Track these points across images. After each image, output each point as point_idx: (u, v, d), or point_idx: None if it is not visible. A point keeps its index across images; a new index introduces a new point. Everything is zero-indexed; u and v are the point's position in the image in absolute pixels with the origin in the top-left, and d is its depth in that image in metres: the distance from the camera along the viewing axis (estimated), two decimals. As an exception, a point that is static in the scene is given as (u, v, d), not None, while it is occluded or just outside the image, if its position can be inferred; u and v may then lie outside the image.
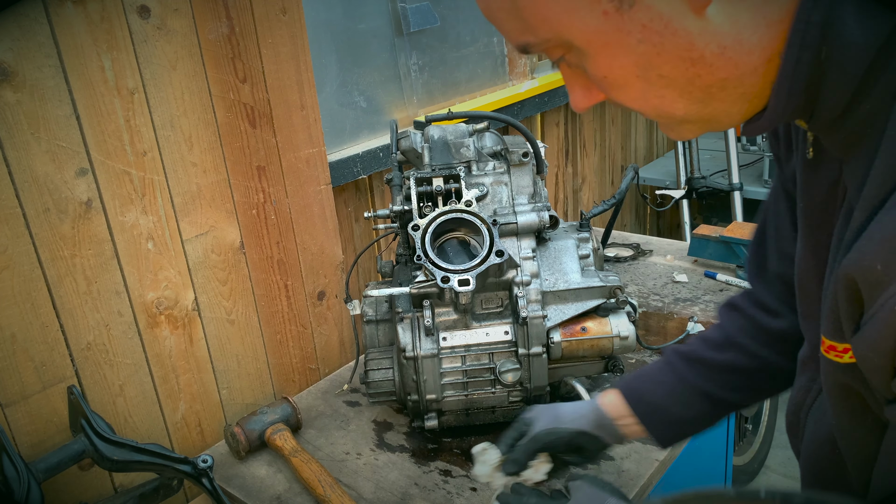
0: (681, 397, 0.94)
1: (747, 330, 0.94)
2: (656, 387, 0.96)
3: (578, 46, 0.56)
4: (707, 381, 0.94)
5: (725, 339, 0.94)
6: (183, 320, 1.44)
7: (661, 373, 0.96)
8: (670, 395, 0.95)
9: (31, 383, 1.22)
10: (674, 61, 0.54)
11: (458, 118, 1.42)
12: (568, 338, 1.30)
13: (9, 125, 1.14)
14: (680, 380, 0.94)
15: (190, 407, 1.48)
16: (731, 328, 0.95)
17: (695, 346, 0.96)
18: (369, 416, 1.51)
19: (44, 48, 1.16)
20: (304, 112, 1.52)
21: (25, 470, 1.03)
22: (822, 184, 0.66)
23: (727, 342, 0.94)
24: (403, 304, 1.31)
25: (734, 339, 0.93)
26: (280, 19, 1.43)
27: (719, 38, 0.53)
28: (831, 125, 0.58)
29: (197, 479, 1.15)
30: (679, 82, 0.56)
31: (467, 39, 2.29)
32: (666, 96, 0.57)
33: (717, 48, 0.53)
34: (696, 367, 0.94)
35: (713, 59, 0.54)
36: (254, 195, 1.50)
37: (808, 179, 0.68)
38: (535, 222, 1.31)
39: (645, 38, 0.53)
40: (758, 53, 0.54)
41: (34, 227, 1.19)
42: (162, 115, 1.34)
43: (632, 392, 0.98)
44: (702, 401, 0.94)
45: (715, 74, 0.55)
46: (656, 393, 0.96)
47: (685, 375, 0.94)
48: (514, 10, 0.56)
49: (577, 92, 0.62)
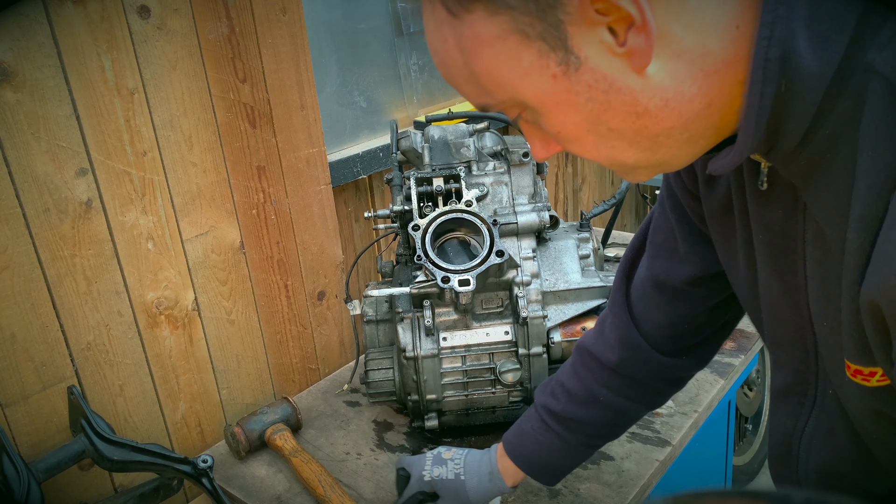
0: (564, 452, 1.05)
1: (604, 381, 1.01)
2: (539, 447, 1.05)
3: (532, 106, 0.60)
4: (583, 436, 1.03)
5: (588, 394, 1.01)
6: (183, 320, 1.44)
7: (540, 433, 1.05)
8: (554, 452, 1.05)
9: (31, 383, 1.22)
10: (621, 116, 0.58)
11: (458, 118, 1.42)
12: (568, 338, 1.30)
13: (9, 125, 1.13)
14: (559, 438, 1.03)
15: (190, 407, 1.48)
16: (590, 381, 1.01)
17: (564, 404, 1.03)
18: (369, 416, 1.51)
19: (44, 48, 1.16)
20: (304, 112, 1.52)
21: (25, 470, 1.03)
22: (777, 213, 0.67)
23: (591, 398, 1.01)
24: (403, 304, 1.31)
25: (597, 395, 1.01)
26: (280, 19, 1.43)
27: (661, 93, 0.56)
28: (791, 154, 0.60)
29: (197, 479, 1.15)
30: (627, 134, 0.59)
31: (467, 39, 2.29)
32: (616, 147, 0.61)
33: (660, 101, 0.57)
34: (569, 425, 1.03)
35: (657, 111, 0.57)
36: (254, 195, 1.50)
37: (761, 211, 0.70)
38: (536, 222, 1.31)
39: (592, 97, 0.57)
40: (698, 101, 0.57)
41: (34, 227, 1.19)
42: (162, 115, 1.34)
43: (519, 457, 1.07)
44: (582, 449, 1.06)
45: (660, 125, 0.58)
46: (540, 453, 1.05)
47: (563, 435, 1.03)
48: (471, 77, 0.60)
49: (536, 144, 0.66)
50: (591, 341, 1.03)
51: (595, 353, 1.02)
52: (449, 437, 1.40)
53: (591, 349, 1.02)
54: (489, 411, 1.38)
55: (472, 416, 1.38)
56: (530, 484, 1.25)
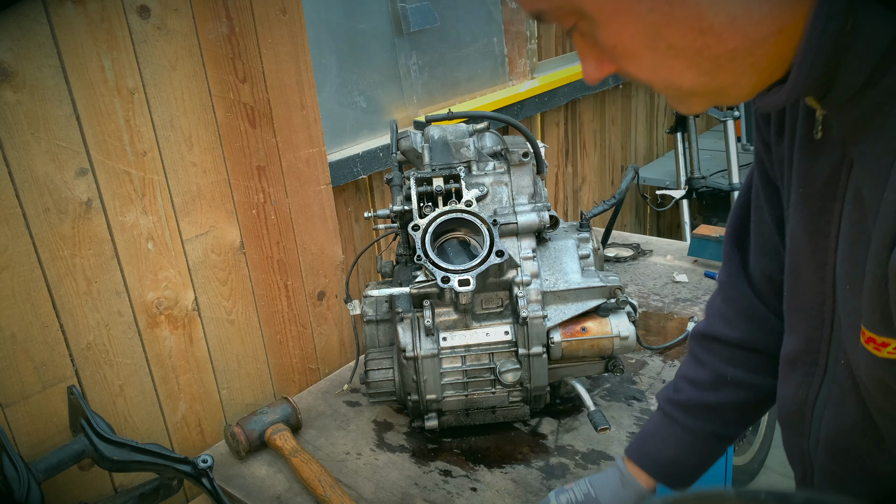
0: (692, 446, 0.95)
1: (732, 360, 0.93)
2: (664, 444, 0.97)
3: (589, 14, 0.56)
4: (712, 423, 0.94)
5: (716, 377, 0.94)
6: (183, 320, 1.44)
7: (664, 428, 0.97)
8: (681, 447, 0.95)
9: (31, 383, 1.22)
10: (683, 31, 0.54)
11: (458, 118, 1.42)
12: (568, 338, 1.30)
13: (9, 125, 1.14)
14: (685, 430, 0.95)
15: (190, 407, 1.48)
16: (715, 364, 0.94)
17: (687, 393, 0.96)
18: (369, 416, 1.51)
19: (44, 48, 1.16)
20: (304, 112, 1.52)
21: (25, 470, 1.03)
22: (824, 168, 0.65)
23: (719, 381, 0.93)
24: (403, 304, 1.31)
25: (725, 374, 0.93)
26: (280, 19, 1.43)
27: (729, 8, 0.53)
28: (847, 102, 0.57)
29: (197, 479, 1.15)
30: (688, 53, 0.55)
31: (467, 39, 2.29)
32: (674, 67, 0.57)
33: (726, 18, 0.53)
34: (697, 414, 0.95)
35: (722, 29, 0.53)
36: (254, 195, 1.50)
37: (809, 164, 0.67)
38: (536, 222, 1.31)
39: (655, 7, 0.53)
40: (768, 24, 0.53)
41: (34, 227, 1.19)
42: (162, 115, 1.34)
43: (643, 458, 0.98)
44: (711, 442, 0.96)
45: (724, 45, 0.54)
46: (666, 451, 0.96)
47: (689, 425, 0.95)
48: None
49: (589, 63, 0.62)
50: (706, 325, 0.96)
51: (714, 334, 0.94)
52: (449, 438, 1.40)
53: (707, 332, 0.95)
54: (489, 411, 1.38)
55: (472, 416, 1.38)
56: (530, 483, 1.25)
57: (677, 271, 1.96)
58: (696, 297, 1.81)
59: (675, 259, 2.04)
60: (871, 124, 0.57)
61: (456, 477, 1.30)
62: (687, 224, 3.13)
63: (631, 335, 1.29)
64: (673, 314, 1.74)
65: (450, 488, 1.27)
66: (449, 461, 1.34)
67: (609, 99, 3.02)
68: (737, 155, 2.99)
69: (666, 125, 3.50)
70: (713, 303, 0.97)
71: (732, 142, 2.97)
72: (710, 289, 1.85)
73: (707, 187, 2.99)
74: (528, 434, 1.39)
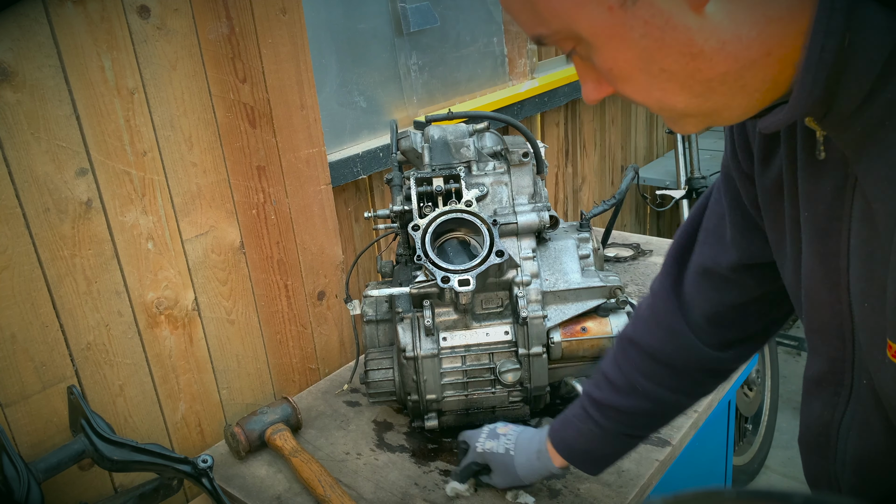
0: (602, 440, 1.03)
1: (644, 371, 0.98)
2: (577, 434, 1.05)
3: (586, 39, 0.59)
4: (621, 424, 1.02)
5: (628, 384, 1.00)
6: (183, 320, 1.44)
7: (580, 420, 1.05)
8: (592, 439, 1.04)
9: (31, 383, 1.22)
10: (674, 56, 0.56)
11: (458, 118, 1.42)
12: (568, 338, 1.30)
13: (9, 125, 1.14)
14: (597, 426, 1.02)
15: (190, 407, 1.48)
16: (630, 371, 0.99)
17: (604, 392, 1.02)
18: (369, 416, 1.51)
19: (44, 48, 1.16)
20: (304, 112, 1.52)
21: (25, 470, 1.03)
22: (826, 189, 0.65)
23: (630, 388, 0.99)
24: (403, 304, 1.31)
25: (635, 384, 0.99)
26: (280, 19, 1.43)
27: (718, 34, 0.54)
28: (848, 119, 0.58)
29: (197, 479, 1.15)
30: (680, 76, 0.57)
31: (467, 39, 2.29)
32: (668, 90, 0.59)
33: (716, 43, 0.55)
34: (609, 413, 1.01)
35: (712, 53, 0.55)
36: (254, 195, 1.50)
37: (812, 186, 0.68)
38: (535, 222, 1.31)
39: (647, 34, 0.55)
40: (756, 48, 0.55)
41: (34, 227, 1.19)
42: (162, 115, 1.34)
43: (558, 441, 1.08)
44: (620, 439, 1.04)
45: (715, 69, 0.56)
46: (578, 440, 1.05)
47: (601, 422, 1.02)
48: (528, 3, 0.60)
49: (588, 84, 0.64)
50: (631, 328, 1.02)
51: (634, 339, 0.99)
52: (449, 438, 1.40)
53: (631, 336, 1.00)
54: (489, 411, 1.38)
55: (471, 416, 1.38)
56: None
57: (677, 271, 1.95)
58: (696, 297, 1.81)
59: (675, 259, 2.04)
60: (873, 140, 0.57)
61: (456, 477, 1.30)
62: (687, 224, 3.13)
63: (631, 335, 1.29)
64: (673, 314, 1.74)
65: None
66: (449, 461, 1.34)
67: (609, 99, 3.02)
68: (737, 155, 2.99)
69: (666, 125, 3.50)
70: (640, 308, 1.02)
71: (732, 142, 2.97)
72: (710, 289, 1.85)
73: (707, 187, 2.99)
74: (528, 434, 1.39)
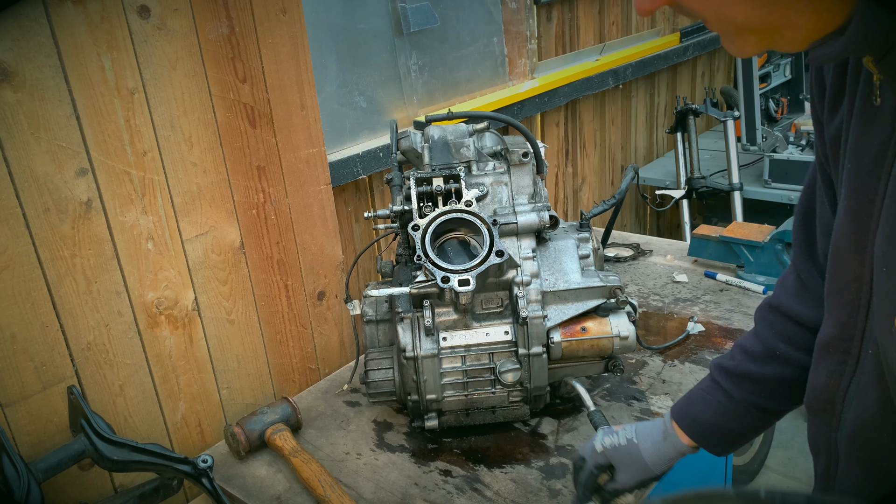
0: (733, 414, 0.95)
1: (786, 336, 0.92)
2: (705, 407, 0.97)
3: None
4: (755, 395, 0.94)
5: (766, 350, 0.93)
6: (183, 320, 1.44)
7: (709, 392, 0.97)
8: (721, 413, 0.96)
9: (31, 383, 1.22)
10: None
11: (458, 118, 1.42)
12: (568, 338, 1.30)
13: (9, 125, 1.14)
14: (728, 397, 0.95)
15: (190, 407, 1.48)
16: (769, 337, 0.93)
17: (738, 361, 0.95)
18: (369, 416, 1.51)
19: (44, 48, 1.16)
20: (304, 112, 1.52)
21: (25, 470, 1.03)
22: (873, 142, 0.62)
23: (768, 354, 0.93)
24: (403, 304, 1.31)
25: (774, 349, 0.92)
26: (280, 19, 1.43)
27: None
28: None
29: (197, 479, 1.15)
30: None
31: (467, 39, 2.29)
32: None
33: None
34: (743, 383, 0.94)
35: None
36: (254, 195, 1.50)
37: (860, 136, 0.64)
38: (535, 222, 1.31)
39: None
40: None
41: (34, 227, 1.19)
42: (162, 115, 1.34)
43: (683, 417, 0.99)
44: (752, 413, 0.95)
45: None
46: (706, 413, 0.97)
47: (733, 392, 0.95)
48: None
49: None
50: (773, 296, 0.95)
51: (777, 304, 0.93)
52: (449, 438, 1.40)
53: (772, 302, 0.94)
54: (489, 411, 1.38)
55: (472, 416, 1.38)
56: (530, 483, 1.25)
57: (677, 271, 1.96)
58: (695, 297, 1.81)
59: (675, 259, 2.04)
60: None
61: (456, 477, 1.30)
62: (687, 224, 3.13)
63: (631, 335, 1.29)
64: (673, 314, 1.74)
65: (450, 488, 1.27)
66: (449, 461, 1.34)
67: (609, 99, 3.02)
68: (737, 155, 2.99)
69: (666, 125, 3.50)
70: (785, 278, 0.95)
71: (732, 142, 2.97)
72: (710, 289, 1.85)
73: (707, 187, 2.99)
74: (528, 434, 1.39)
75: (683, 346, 1.61)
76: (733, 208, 2.97)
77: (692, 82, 3.68)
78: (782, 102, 3.37)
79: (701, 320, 1.69)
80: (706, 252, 1.97)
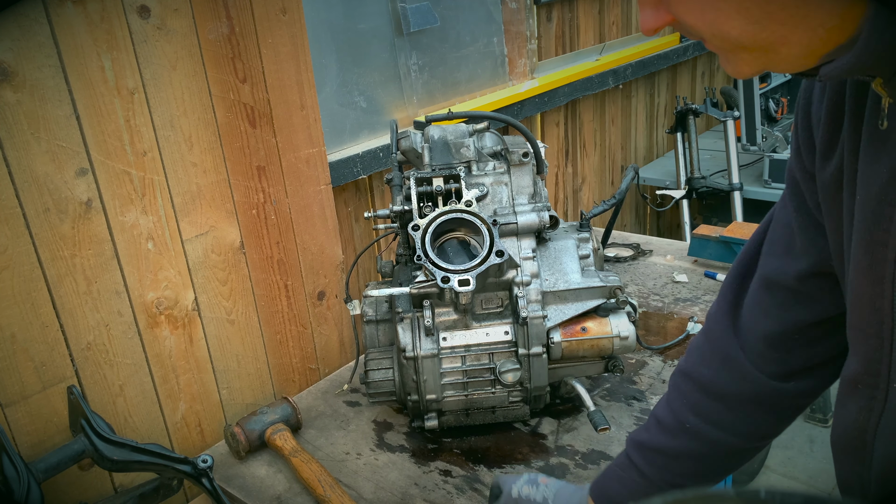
0: (645, 494, 0.93)
1: (696, 407, 0.91)
2: (620, 486, 0.96)
3: None
4: (667, 472, 0.93)
5: (677, 422, 0.92)
6: (183, 320, 1.44)
7: (623, 468, 0.96)
8: (635, 492, 0.94)
9: (31, 383, 1.22)
10: None
11: (458, 118, 1.42)
12: (568, 338, 1.30)
13: (9, 125, 1.14)
14: (640, 475, 0.94)
15: (190, 407, 1.48)
16: (680, 408, 0.92)
17: (652, 433, 0.94)
18: (369, 416, 1.51)
19: (44, 48, 1.16)
20: (304, 112, 1.52)
21: (25, 470, 1.03)
22: (883, 170, 0.61)
23: (679, 427, 0.92)
24: (403, 304, 1.31)
25: (685, 421, 0.91)
26: (280, 19, 1.43)
27: None
28: None
29: (197, 479, 1.15)
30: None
31: (467, 39, 2.29)
32: (723, 9, 0.55)
33: None
34: (656, 459, 0.93)
35: None
36: (254, 195, 1.50)
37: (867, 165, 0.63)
38: (535, 222, 1.31)
39: None
40: None
41: (34, 227, 1.19)
42: (162, 115, 1.34)
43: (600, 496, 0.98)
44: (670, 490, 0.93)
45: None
46: (621, 493, 0.95)
47: (644, 470, 0.94)
48: None
49: (647, 11, 0.61)
50: (684, 361, 0.95)
51: (686, 371, 0.92)
52: (449, 438, 1.40)
53: (682, 368, 0.93)
54: (489, 411, 1.38)
55: (471, 416, 1.38)
56: (530, 484, 1.25)
57: (677, 271, 1.96)
58: (696, 297, 1.81)
59: (675, 259, 2.04)
60: None
61: (456, 477, 1.30)
62: (687, 224, 3.13)
63: (631, 335, 1.29)
64: (673, 314, 1.74)
65: (450, 488, 1.27)
66: (449, 461, 1.34)
67: (609, 99, 3.02)
68: (737, 155, 2.99)
69: (666, 125, 3.50)
70: (695, 338, 0.95)
71: (732, 142, 2.97)
72: (710, 289, 1.85)
73: (707, 187, 2.99)
74: (528, 434, 1.39)
75: (683, 346, 1.61)
76: (733, 208, 2.97)
77: (692, 82, 3.68)
78: (782, 102, 3.37)
79: (701, 320, 1.69)
80: (706, 252, 1.97)
